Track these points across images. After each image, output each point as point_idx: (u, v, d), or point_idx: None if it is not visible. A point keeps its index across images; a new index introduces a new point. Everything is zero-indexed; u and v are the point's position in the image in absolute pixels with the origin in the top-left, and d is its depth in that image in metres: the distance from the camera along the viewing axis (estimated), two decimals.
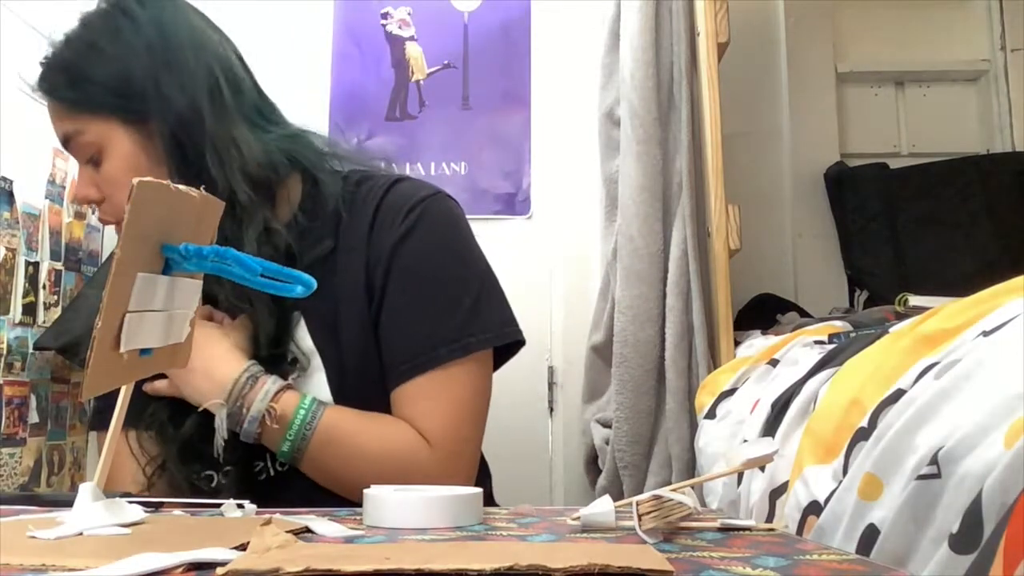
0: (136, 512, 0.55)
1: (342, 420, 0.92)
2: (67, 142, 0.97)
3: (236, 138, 0.97)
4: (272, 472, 0.97)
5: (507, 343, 1.02)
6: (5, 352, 1.76)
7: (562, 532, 0.56)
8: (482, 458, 1.07)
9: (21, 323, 1.81)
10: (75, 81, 0.97)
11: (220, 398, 0.89)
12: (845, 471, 0.75)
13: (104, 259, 2.10)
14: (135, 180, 0.48)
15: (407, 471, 0.90)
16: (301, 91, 2.26)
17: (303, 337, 0.98)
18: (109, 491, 0.56)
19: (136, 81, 0.95)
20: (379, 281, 0.96)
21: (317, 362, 0.97)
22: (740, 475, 1.02)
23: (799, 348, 1.26)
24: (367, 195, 1.01)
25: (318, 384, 0.96)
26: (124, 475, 0.97)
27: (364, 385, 0.96)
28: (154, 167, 0.95)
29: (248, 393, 0.89)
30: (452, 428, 0.94)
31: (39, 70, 1.01)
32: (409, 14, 2.31)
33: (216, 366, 0.90)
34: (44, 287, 1.89)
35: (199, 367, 0.88)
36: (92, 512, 0.52)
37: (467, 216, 1.06)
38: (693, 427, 1.66)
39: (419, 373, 0.94)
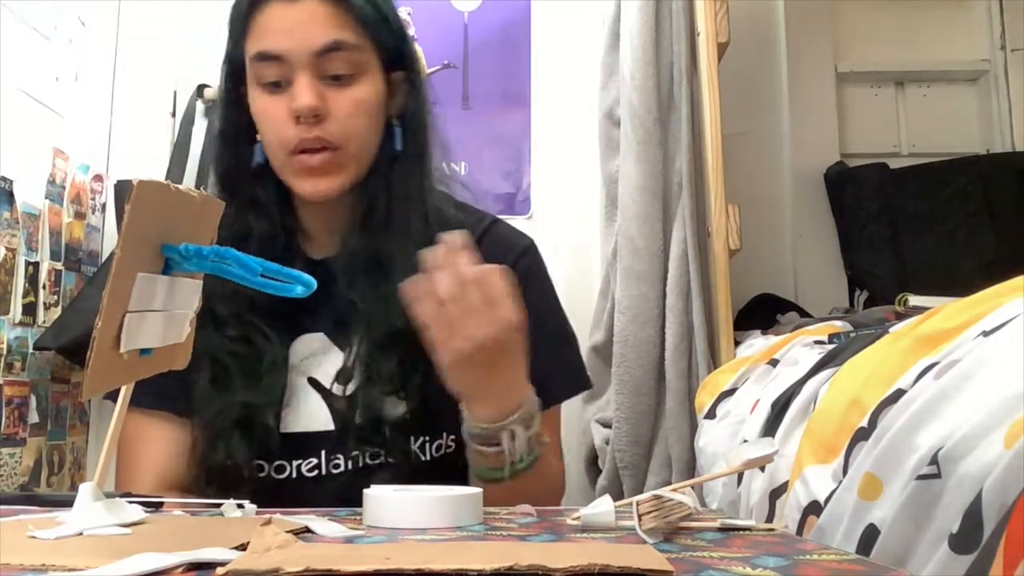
0: (136, 512, 0.55)
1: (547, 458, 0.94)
2: (333, 48, 0.95)
3: (431, 113, 1.06)
4: (348, 467, 0.96)
5: None
6: (5, 352, 1.76)
7: (562, 532, 0.56)
8: None
9: (21, 323, 1.81)
10: (382, 2, 1.00)
11: (514, 415, 0.85)
12: (845, 471, 0.75)
13: (104, 259, 2.10)
14: (135, 180, 0.48)
15: (557, 490, 1.04)
16: None
17: None
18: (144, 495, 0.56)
19: (405, 33, 1.04)
20: None
21: None
22: (740, 475, 1.02)
23: (799, 348, 1.26)
24: (470, 229, 0.96)
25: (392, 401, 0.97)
26: (170, 471, 0.95)
27: (439, 407, 0.94)
28: (379, 117, 1.01)
29: (535, 416, 0.89)
30: (562, 453, 1.09)
31: None
32: (409, 14, 2.31)
33: (519, 385, 0.88)
34: (44, 287, 1.89)
35: (510, 381, 0.86)
36: (92, 512, 0.52)
37: None
38: (693, 427, 1.66)
39: (543, 409, 0.94)
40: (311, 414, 0.97)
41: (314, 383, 0.98)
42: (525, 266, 1.05)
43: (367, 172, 1.01)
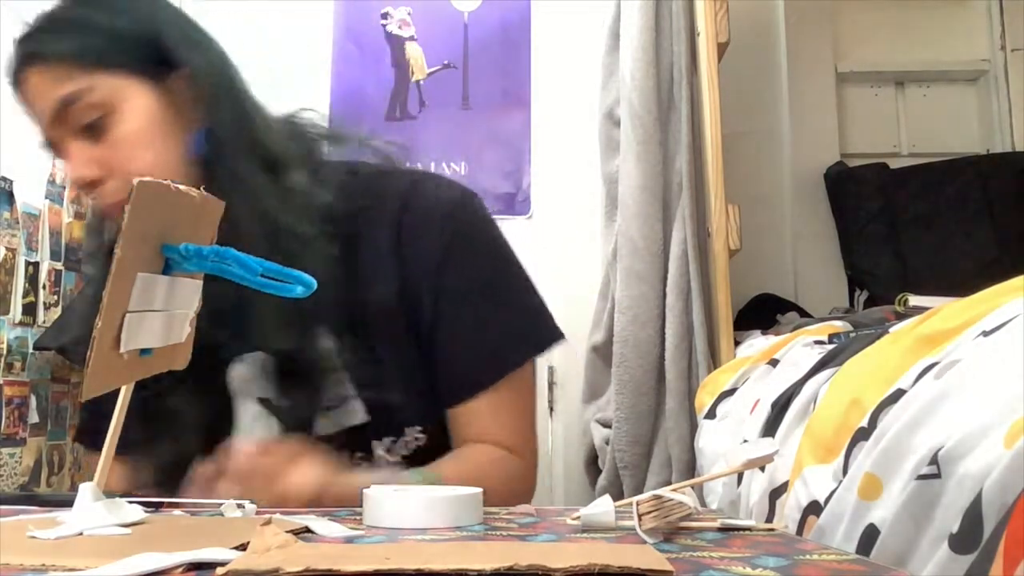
0: (136, 512, 0.55)
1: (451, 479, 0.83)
2: (64, 108, 0.84)
3: (258, 106, 0.91)
4: None
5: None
6: (5, 352, 1.76)
7: (562, 532, 0.56)
8: None
9: (21, 323, 1.81)
10: (85, 29, 0.86)
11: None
12: (845, 471, 0.75)
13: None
14: (135, 180, 0.48)
15: (514, 492, 0.91)
16: (301, 91, 2.26)
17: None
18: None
19: (162, 26, 0.88)
20: (427, 299, 0.91)
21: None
22: (740, 475, 1.02)
23: (799, 348, 1.26)
24: (387, 193, 0.93)
25: (351, 407, 0.90)
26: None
27: (402, 402, 0.90)
28: (173, 131, 0.86)
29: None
30: (530, 437, 0.98)
31: (25, 31, 0.89)
32: (409, 14, 2.31)
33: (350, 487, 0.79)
34: (44, 287, 1.89)
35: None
36: (92, 512, 0.52)
37: None
38: (693, 427, 1.66)
39: (489, 386, 0.92)
40: (266, 435, 0.90)
41: (264, 402, 0.91)
42: (451, 232, 0.92)
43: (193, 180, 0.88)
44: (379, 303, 0.90)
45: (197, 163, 0.87)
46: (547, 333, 0.99)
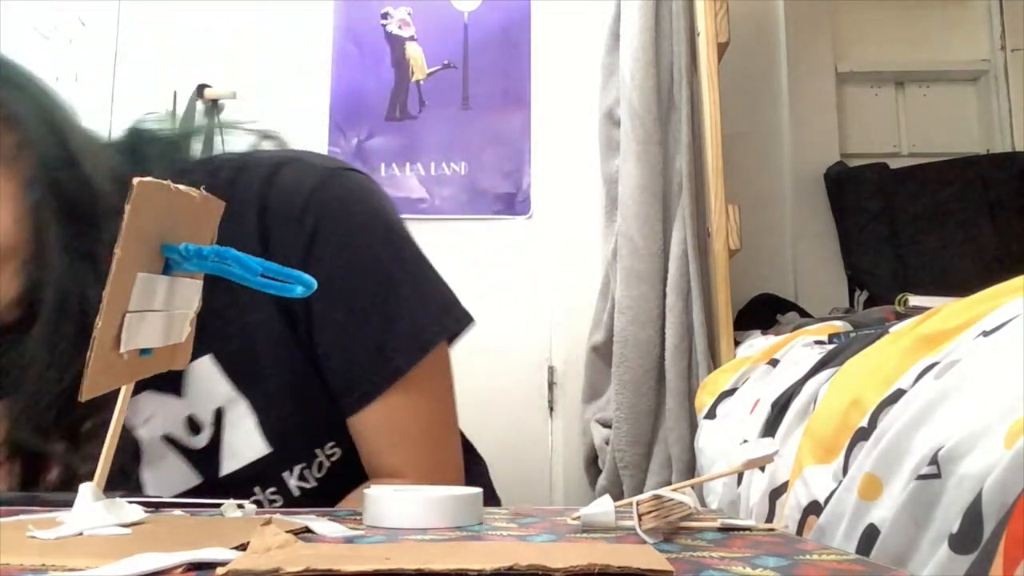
0: (136, 512, 0.55)
1: None
2: None
3: (89, 135, 0.80)
4: None
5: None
6: None
7: (562, 532, 0.56)
8: (469, 446, 0.98)
9: None
10: None
11: None
12: (845, 471, 0.75)
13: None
14: (135, 180, 0.48)
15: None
16: (301, 91, 2.26)
17: (217, 384, 0.80)
18: None
19: None
20: (299, 301, 0.75)
21: (243, 409, 0.81)
22: (740, 475, 1.02)
23: (799, 348, 1.26)
24: (245, 193, 0.80)
25: (247, 434, 0.81)
26: None
27: (307, 421, 0.81)
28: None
29: None
30: (426, 457, 0.83)
31: None
32: (409, 14, 2.31)
33: None
34: None
35: None
36: (92, 512, 0.52)
37: (467, 216, 0.98)
38: (693, 427, 1.66)
39: (378, 395, 0.80)
40: (172, 473, 0.83)
41: (169, 440, 0.83)
42: (314, 219, 0.79)
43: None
44: (255, 318, 0.80)
45: (28, 216, 0.73)
46: (447, 321, 0.84)
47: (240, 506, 0.64)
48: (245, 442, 0.81)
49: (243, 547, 0.44)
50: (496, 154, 2.23)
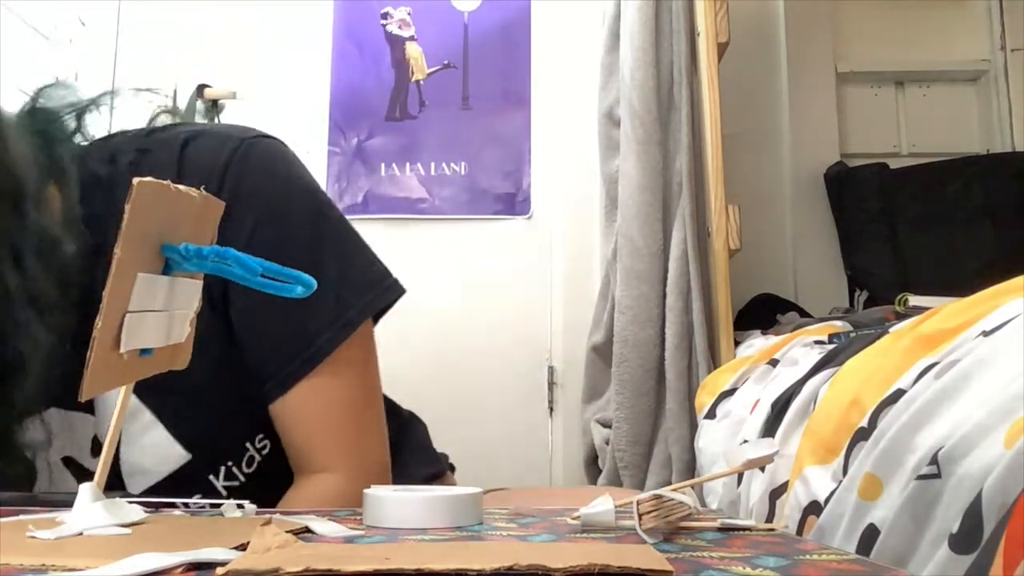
0: (136, 512, 0.55)
1: None
2: None
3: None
4: None
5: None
6: None
7: (562, 532, 0.56)
8: (397, 410, 0.93)
9: None
10: None
11: None
12: (845, 471, 0.75)
13: None
14: (135, 180, 0.48)
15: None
16: (301, 91, 2.26)
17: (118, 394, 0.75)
18: None
19: None
20: (216, 286, 0.73)
21: (147, 419, 0.75)
22: (740, 475, 1.02)
23: (799, 348, 1.26)
24: (155, 171, 0.67)
25: (157, 446, 0.75)
26: None
27: (231, 416, 0.77)
28: None
29: None
30: (352, 444, 0.78)
31: None
32: (409, 14, 2.32)
33: None
34: None
35: None
36: (92, 512, 0.52)
37: (467, 216, 0.95)
38: (693, 427, 1.66)
39: (302, 377, 0.75)
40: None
41: (69, 461, 0.77)
42: (227, 194, 0.71)
43: None
44: None
45: None
46: (371, 298, 0.78)
47: (240, 506, 0.64)
48: (157, 454, 0.75)
49: (243, 547, 0.44)
50: (496, 154, 2.23)
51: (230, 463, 0.78)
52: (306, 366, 0.75)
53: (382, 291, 0.79)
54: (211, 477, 0.78)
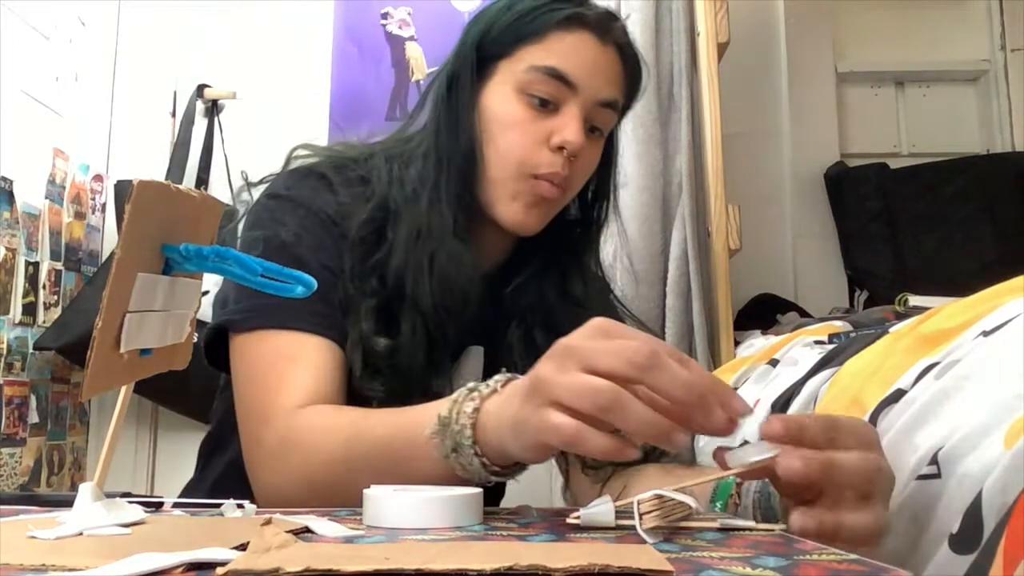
0: (136, 512, 0.55)
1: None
2: (607, 105, 0.95)
3: None
4: None
5: None
6: (5, 352, 1.76)
7: (562, 532, 0.56)
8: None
9: (21, 323, 1.81)
10: (637, 81, 1.01)
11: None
12: None
13: (104, 259, 2.11)
14: (135, 180, 0.48)
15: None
16: (301, 91, 2.26)
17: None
18: None
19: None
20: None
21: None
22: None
23: (799, 348, 1.26)
24: None
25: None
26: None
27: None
28: None
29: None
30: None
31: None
32: (409, 14, 2.31)
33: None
34: (44, 287, 1.89)
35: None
36: (92, 512, 0.52)
37: None
38: None
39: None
40: None
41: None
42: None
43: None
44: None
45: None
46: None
47: (240, 506, 0.64)
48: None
49: (243, 547, 0.44)
50: None
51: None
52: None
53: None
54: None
